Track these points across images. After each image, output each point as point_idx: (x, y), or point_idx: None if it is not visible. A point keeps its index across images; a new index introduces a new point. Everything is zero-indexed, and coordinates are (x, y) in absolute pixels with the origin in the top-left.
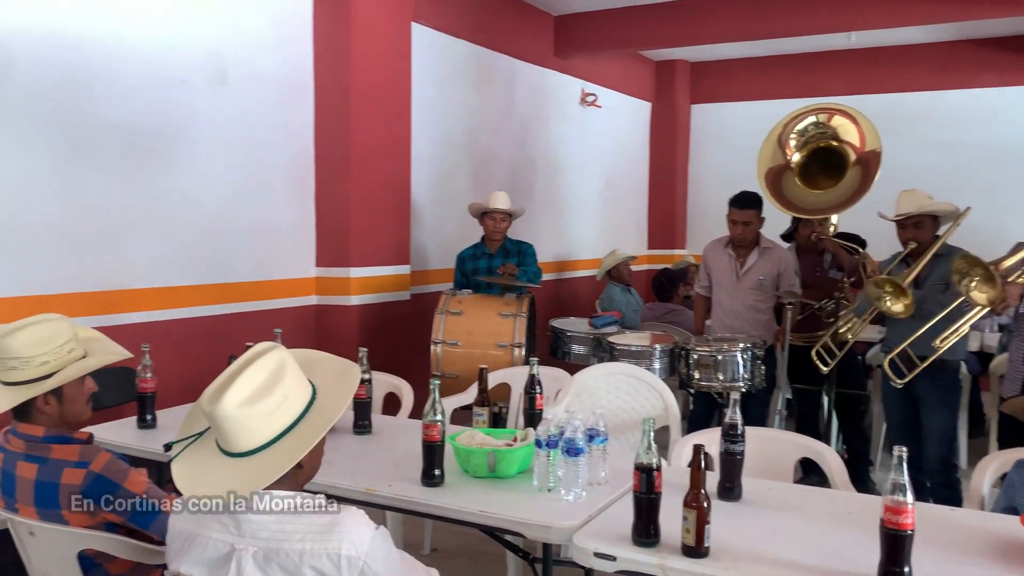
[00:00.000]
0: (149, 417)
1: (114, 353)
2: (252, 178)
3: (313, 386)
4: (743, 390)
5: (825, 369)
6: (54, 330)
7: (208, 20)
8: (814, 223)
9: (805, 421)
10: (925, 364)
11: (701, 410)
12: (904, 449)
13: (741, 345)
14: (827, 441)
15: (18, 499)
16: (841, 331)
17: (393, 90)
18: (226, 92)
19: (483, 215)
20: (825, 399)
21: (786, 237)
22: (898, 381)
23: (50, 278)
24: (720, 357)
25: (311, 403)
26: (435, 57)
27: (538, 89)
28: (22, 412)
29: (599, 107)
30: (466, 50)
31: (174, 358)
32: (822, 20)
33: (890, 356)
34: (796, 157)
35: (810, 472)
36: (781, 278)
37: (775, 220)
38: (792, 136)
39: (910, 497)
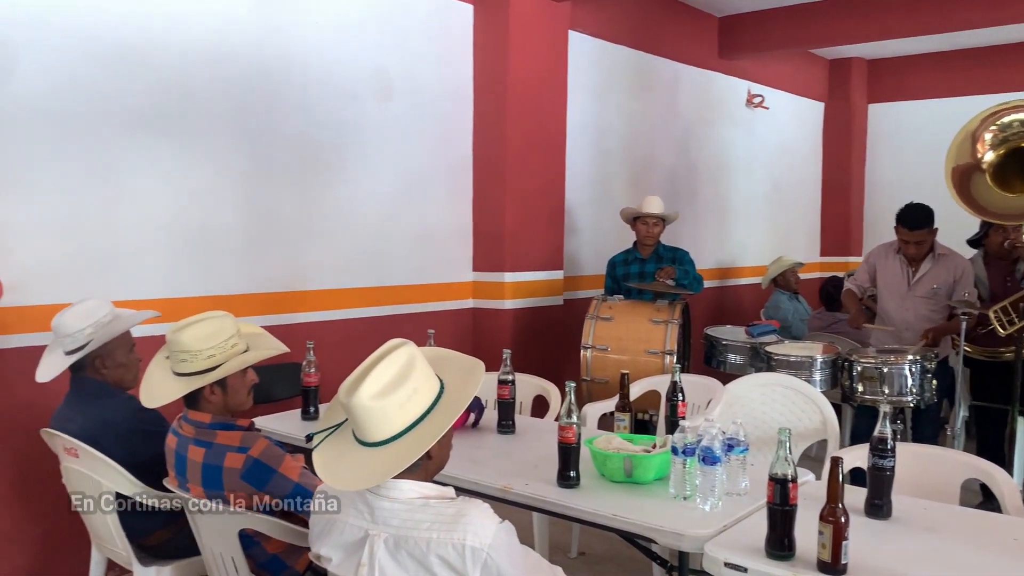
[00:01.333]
0: (312, 409)
1: (272, 348)
2: (414, 187)
3: (441, 381)
4: (911, 405)
5: (1003, 332)
6: (219, 326)
7: (375, 38)
8: (1008, 229)
9: (988, 442)
10: None
11: (865, 425)
12: None
13: (910, 357)
14: (1010, 465)
15: (189, 479)
16: None
17: (549, 98)
18: (391, 106)
19: (635, 220)
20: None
21: (974, 243)
22: None
23: (232, 280)
24: (886, 370)
25: (439, 396)
26: (592, 63)
27: (701, 92)
28: (192, 400)
29: (766, 108)
30: (625, 55)
31: (337, 355)
32: (1016, 9)
33: None
34: (989, 155)
35: (992, 497)
36: (956, 286)
37: (964, 223)
38: (991, 131)
39: None
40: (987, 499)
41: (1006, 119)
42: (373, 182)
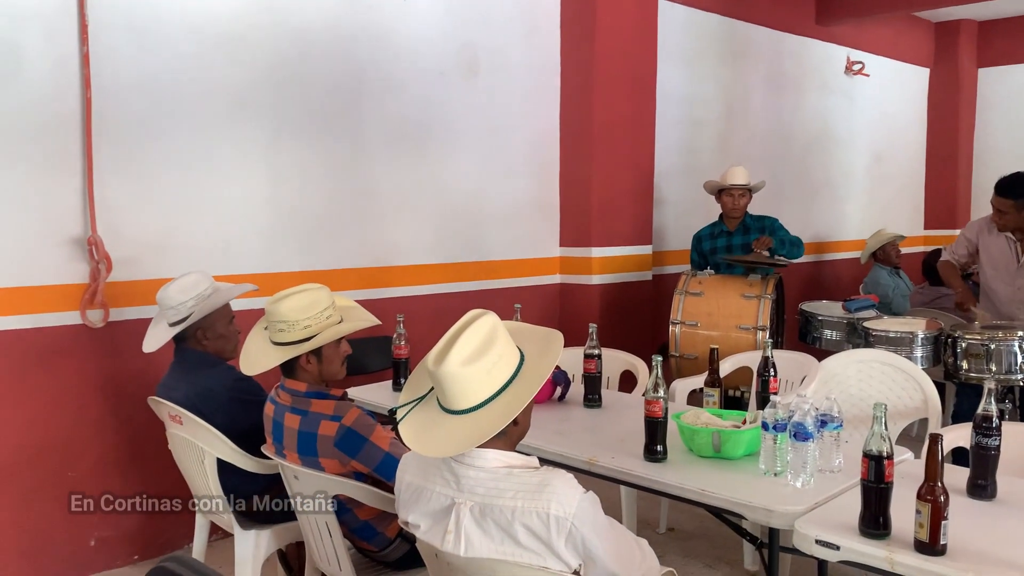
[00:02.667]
0: (402, 380)
1: (365, 320)
2: (501, 162)
3: (520, 351)
4: (1021, 384)
5: None
6: (315, 298)
7: (462, 13)
8: None
9: None
10: None
11: (969, 404)
12: None
13: (1020, 333)
14: None
15: (285, 446)
16: None
17: (638, 70)
18: (478, 82)
19: (720, 192)
20: None
21: None
22: None
23: (326, 255)
24: (993, 346)
25: (521, 364)
26: (683, 33)
27: (797, 60)
28: (289, 369)
29: (866, 76)
30: (717, 24)
31: (427, 329)
32: None
33: None
34: None
35: None
36: None
37: None
38: None
39: None
40: None
41: None
42: (461, 158)
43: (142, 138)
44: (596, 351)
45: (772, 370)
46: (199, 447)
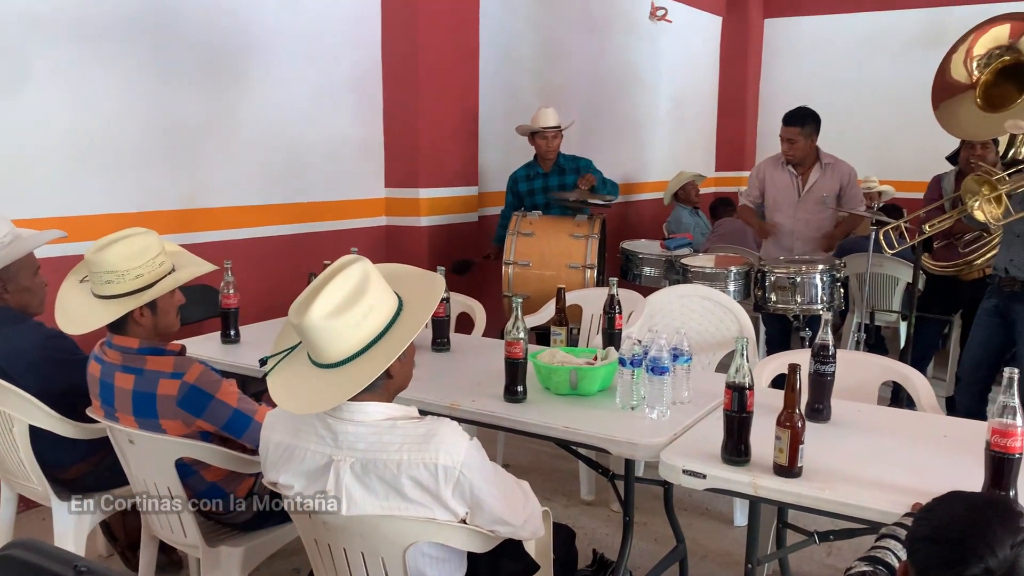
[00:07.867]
0: (232, 332)
1: (202, 265)
2: (323, 96)
3: (399, 297)
4: (820, 312)
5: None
6: (145, 244)
7: None
8: (976, 146)
9: (923, 351)
10: None
11: (775, 333)
12: (1016, 371)
13: (821, 267)
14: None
15: (118, 408)
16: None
17: (460, 4)
18: (295, 6)
19: (533, 135)
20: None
21: (951, 159)
22: None
23: (133, 196)
24: (798, 279)
25: (398, 313)
26: None
27: (607, 3)
28: (117, 325)
29: (669, 22)
30: None
31: (253, 276)
32: None
33: None
34: (977, 75)
35: (899, 398)
36: (844, 193)
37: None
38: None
39: (1020, 420)
40: (895, 400)
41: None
42: (280, 90)
43: None
44: (445, 294)
45: (617, 307)
46: (6, 414)
